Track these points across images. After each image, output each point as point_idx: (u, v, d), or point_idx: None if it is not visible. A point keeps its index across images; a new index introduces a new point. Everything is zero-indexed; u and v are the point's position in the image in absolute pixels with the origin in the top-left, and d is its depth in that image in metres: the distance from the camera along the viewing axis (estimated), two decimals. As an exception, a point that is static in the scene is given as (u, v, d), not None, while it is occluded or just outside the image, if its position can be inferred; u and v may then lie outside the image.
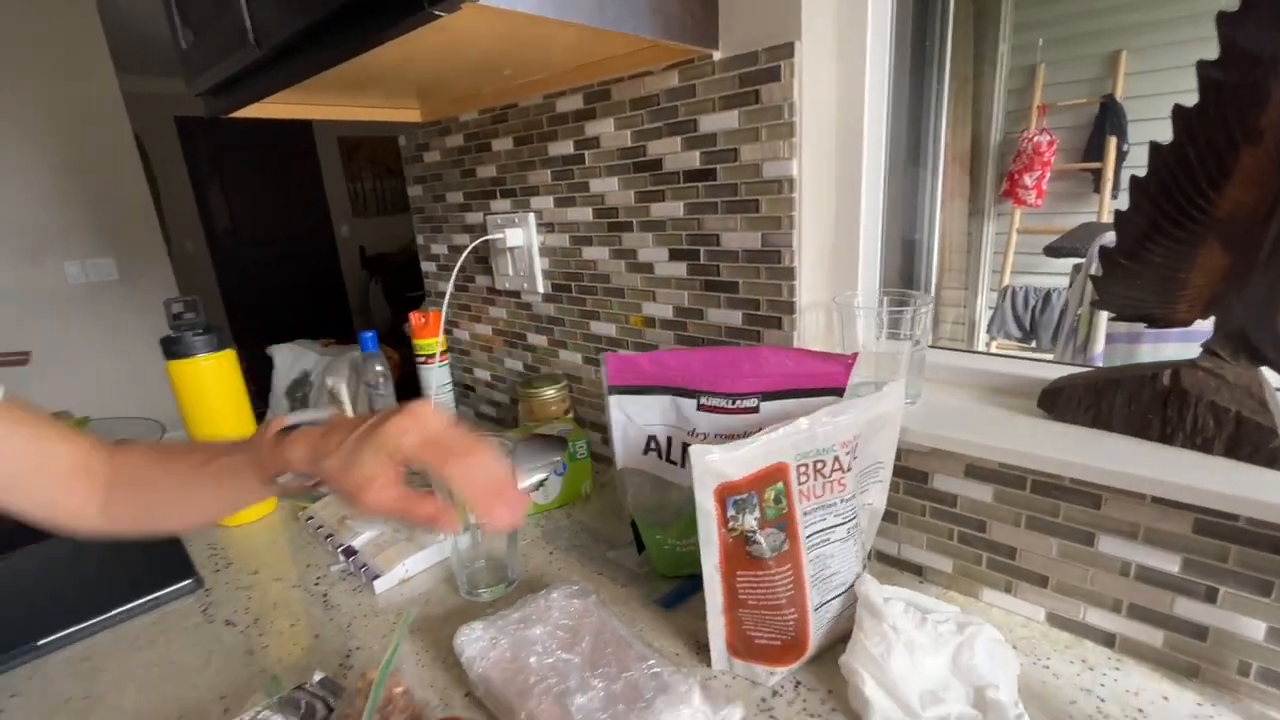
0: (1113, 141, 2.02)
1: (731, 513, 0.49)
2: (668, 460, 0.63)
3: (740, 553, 0.50)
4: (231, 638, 0.64)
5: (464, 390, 1.22)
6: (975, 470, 0.59)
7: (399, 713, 0.48)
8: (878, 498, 0.60)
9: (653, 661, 0.51)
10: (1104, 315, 1.41)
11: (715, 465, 0.48)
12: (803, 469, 0.51)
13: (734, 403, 0.59)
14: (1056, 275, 2.01)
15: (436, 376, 1.11)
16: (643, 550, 0.71)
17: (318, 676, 0.54)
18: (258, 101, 0.78)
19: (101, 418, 1.70)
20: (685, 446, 0.61)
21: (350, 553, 0.76)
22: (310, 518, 0.85)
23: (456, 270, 1.06)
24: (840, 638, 0.55)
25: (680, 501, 0.64)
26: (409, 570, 0.72)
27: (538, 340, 1.03)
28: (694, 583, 0.66)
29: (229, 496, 0.52)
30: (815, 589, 0.53)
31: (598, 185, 0.84)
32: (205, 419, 0.83)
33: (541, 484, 0.73)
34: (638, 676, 0.49)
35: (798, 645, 0.53)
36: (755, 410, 0.58)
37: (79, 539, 0.51)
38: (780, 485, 0.50)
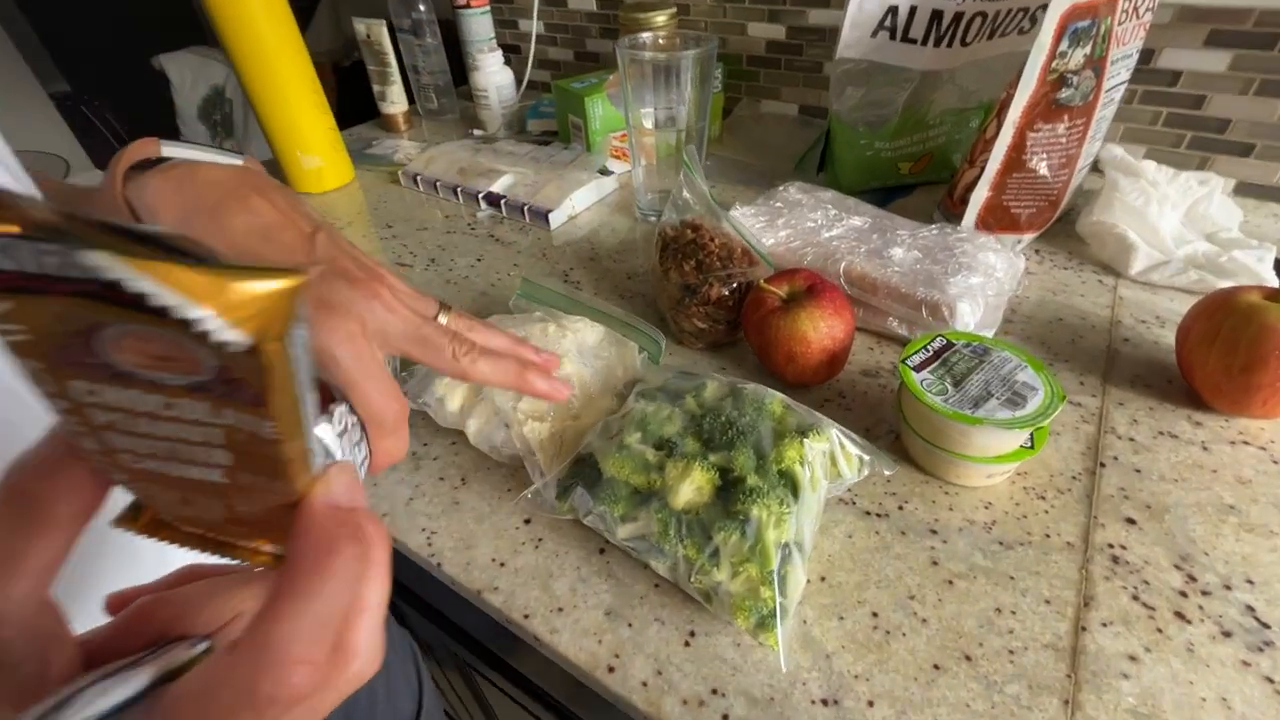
0: None
1: (1064, 47, 0.45)
2: (904, 39, 0.56)
3: (1047, 101, 0.47)
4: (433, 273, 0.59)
5: (510, 50, 1.02)
6: (1218, 37, 0.57)
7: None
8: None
9: (935, 227, 0.50)
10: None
11: (1077, -24, 0.42)
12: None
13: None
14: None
15: (478, 28, 0.92)
16: (822, 169, 0.68)
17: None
18: None
19: None
20: (935, 14, 0.54)
21: (494, 199, 0.68)
22: (416, 174, 0.73)
23: None
24: (1064, 212, 0.57)
25: (903, 97, 0.59)
26: (576, 205, 0.66)
27: (626, -39, 0.84)
28: (884, 193, 0.65)
29: None
30: (1087, 148, 0.52)
31: None
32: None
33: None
34: (931, 237, 0.49)
35: (1049, 210, 0.54)
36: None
37: None
38: (1109, 20, 0.45)
